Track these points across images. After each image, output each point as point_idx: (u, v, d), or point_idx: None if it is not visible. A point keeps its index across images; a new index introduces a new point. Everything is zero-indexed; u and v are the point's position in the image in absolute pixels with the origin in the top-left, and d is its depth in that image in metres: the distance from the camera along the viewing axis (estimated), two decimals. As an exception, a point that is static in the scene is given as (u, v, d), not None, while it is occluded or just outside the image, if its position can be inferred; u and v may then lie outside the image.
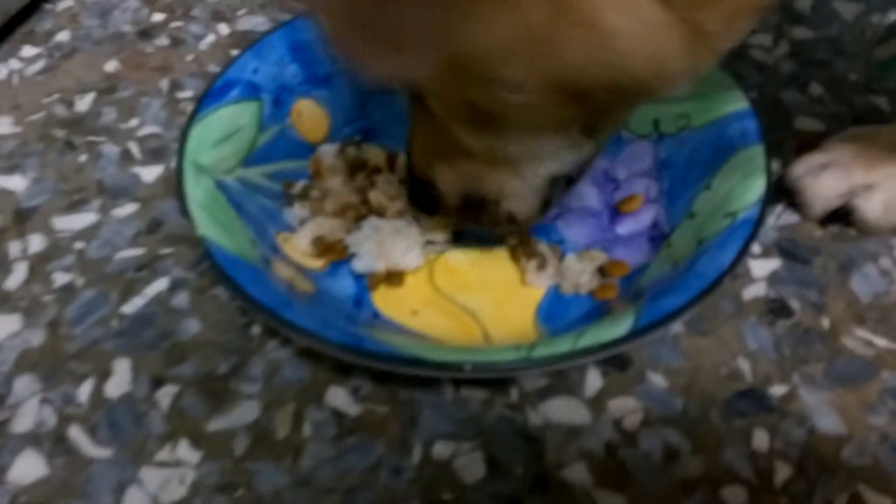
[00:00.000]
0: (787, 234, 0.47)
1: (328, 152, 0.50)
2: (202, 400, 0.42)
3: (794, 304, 0.44)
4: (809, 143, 0.49)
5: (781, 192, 0.48)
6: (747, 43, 0.59)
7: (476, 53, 0.30)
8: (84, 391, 0.42)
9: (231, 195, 0.44)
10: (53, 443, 0.40)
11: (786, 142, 0.52)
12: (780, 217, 0.48)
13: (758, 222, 0.39)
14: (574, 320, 0.41)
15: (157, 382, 0.42)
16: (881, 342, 0.42)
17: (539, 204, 0.41)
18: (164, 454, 0.40)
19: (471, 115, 0.35)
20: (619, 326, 0.36)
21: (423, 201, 0.43)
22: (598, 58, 0.30)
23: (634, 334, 0.35)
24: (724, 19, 0.30)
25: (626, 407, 0.40)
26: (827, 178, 0.46)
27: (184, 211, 0.41)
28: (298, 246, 0.45)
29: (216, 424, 0.41)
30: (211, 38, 0.64)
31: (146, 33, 0.65)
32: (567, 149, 0.37)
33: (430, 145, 0.40)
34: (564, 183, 0.41)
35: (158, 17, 0.66)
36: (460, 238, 0.46)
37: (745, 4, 0.30)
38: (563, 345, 0.35)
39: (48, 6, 0.67)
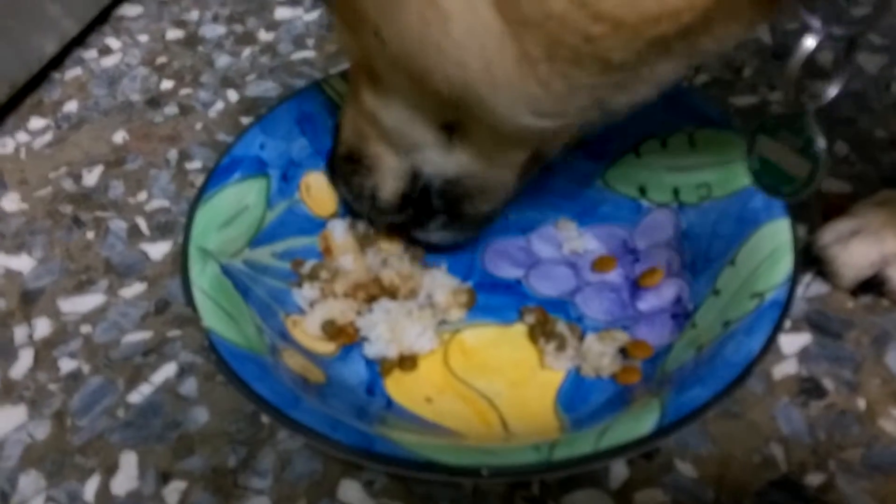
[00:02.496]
0: (817, 306, 0.45)
1: (338, 228, 0.48)
2: (211, 496, 0.40)
3: (828, 383, 0.42)
4: (836, 207, 0.47)
5: (809, 260, 0.46)
6: (767, 100, 0.58)
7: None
8: (90, 488, 0.41)
9: (238, 280, 0.42)
10: (58, 545, 0.39)
11: (811, 205, 0.50)
12: (808, 287, 0.46)
13: (786, 305, 0.37)
14: (596, 407, 0.39)
15: (165, 477, 0.41)
16: (921, 424, 0.40)
17: (392, 197, 0.43)
18: (171, 559, 0.38)
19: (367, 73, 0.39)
20: (645, 421, 0.34)
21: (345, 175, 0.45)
22: (431, 36, 0.32)
23: (661, 431, 0.33)
24: (545, 46, 0.30)
25: (653, 499, 0.38)
26: (857, 246, 0.44)
27: (188, 300, 0.40)
28: (308, 331, 0.43)
29: (226, 524, 0.39)
30: (220, 105, 0.63)
31: (154, 101, 0.64)
32: (432, 145, 0.39)
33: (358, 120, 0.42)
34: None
35: (167, 84, 0.65)
36: (475, 316, 0.45)
37: (568, 39, 0.30)
38: (586, 444, 0.34)
39: (56, 75, 0.67)
